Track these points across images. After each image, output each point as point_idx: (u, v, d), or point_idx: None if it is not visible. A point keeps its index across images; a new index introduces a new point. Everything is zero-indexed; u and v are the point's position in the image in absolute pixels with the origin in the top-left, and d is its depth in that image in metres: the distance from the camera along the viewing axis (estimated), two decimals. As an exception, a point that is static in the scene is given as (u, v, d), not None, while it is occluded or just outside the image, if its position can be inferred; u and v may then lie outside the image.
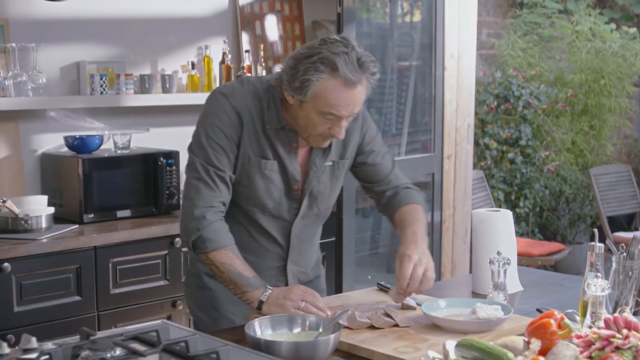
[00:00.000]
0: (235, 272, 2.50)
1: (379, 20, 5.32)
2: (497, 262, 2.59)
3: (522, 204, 6.90)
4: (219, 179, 2.55)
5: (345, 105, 2.42)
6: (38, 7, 4.20)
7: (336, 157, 2.69)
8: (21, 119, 4.22)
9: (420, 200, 2.82)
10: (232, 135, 2.55)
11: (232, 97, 2.56)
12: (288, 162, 2.60)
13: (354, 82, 2.40)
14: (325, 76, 2.39)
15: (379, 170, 2.81)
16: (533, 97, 6.90)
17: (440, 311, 2.47)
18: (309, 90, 2.41)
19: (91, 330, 1.97)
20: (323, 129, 2.49)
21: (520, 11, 7.46)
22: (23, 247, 3.60)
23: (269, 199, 2.62)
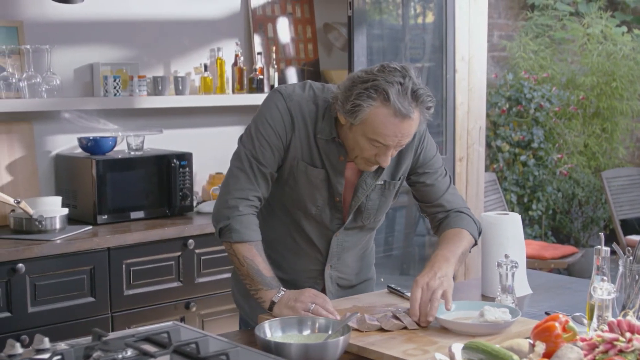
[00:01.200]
0: (254, 269, 2.52)
1: (391, 22, 5.34)
2: (504, 266, 2.60)
3: (535, 206, 6.91)
4: (260, 174, 2.57)
5: (392, 135, 2.42)
6: (52, 9, 4.24)
7: (388, 177, 2.69)
8: (35, 120, 4.26)
9: (468, 224, 2.77)
10: (282, 135, 2.57)
11: (289, 98, 2.58)
12: (332, 174, 2.60)
13: (404, 113, 2.38)
14: (377, 104, 2.39)
15: (431, 192, 2.78)
16: (545, 100, 6.91)
17: (449, 314, 2.48)
18: (358, 115, 2.42)
19: (103, 331, 1.99)
20: (369, 154, 2.49)
21: (532, 13, 7.47)
22: (37, 248, 3.63)
23: (312, 204, 2.63)
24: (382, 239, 5.45)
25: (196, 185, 4.61)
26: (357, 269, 2.87)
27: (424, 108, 2.44)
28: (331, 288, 2.78)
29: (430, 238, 5.59)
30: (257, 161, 2.57)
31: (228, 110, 4.81)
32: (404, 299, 2.75)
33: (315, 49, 5.34)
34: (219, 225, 2.58)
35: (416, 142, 2.70)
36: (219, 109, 4.80)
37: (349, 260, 2.80)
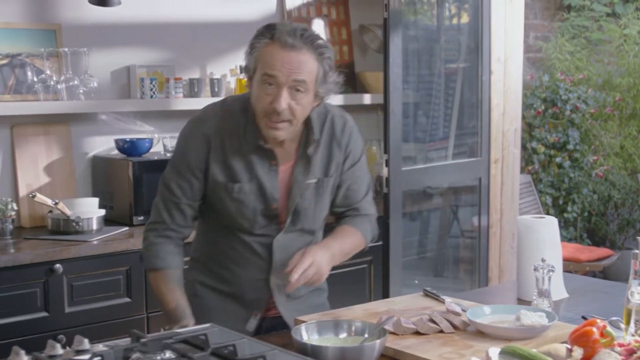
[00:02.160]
0: (160, 299, 2.59)
1: (426, 22, 5.33)
2: (541, 269, 2.59)
3: (570, 208, 6.86)
4: (172, 205, 2.61)
5: (281, 65, 2.41)
6: (89, 12, 4.27)
7: (320, 174, 2.66)
8: (73, 122, 4.30)
9: (365, 228, 2.77)
10: (198, 162, 2.57)
11: (202, 123, 2.59)
12: (267, 182, 2.59)
13: (290, 44, 2.41)
14: (266, 40, 2.45)
15: (350, 196, 2.76)
16: (581, 101, 6.86)
17: (485, 317, 2.48)
18: (252, 56, 2.48)
19: (141, 333, 2.01)
20: (265, 103, 2.45)
21: (568, 14, 7.42)
22: (74, 249, 3.67)
23: (243, 219, 2.62)
24: (416, 241, 5.45)
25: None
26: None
27: (317, 52, 2.45)
28: (280, 299, 2.71)
29: (464, 240, 5.57)
30: (172, 194, 2.60)
31: (263, 112, 4.82)
32: (439, 302, 2.75)
33: (351, 50, 5.35)
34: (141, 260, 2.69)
35: (346, 136, 2.69)
36: (254, 111, 4.81)
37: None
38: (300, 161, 2.63)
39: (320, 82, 2.49)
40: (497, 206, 5.15)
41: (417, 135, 5.14)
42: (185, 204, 2.61)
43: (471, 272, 5.26)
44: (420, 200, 5.24)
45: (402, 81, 4.31)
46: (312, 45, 2.44)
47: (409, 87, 4.88)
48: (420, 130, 5.18)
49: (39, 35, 4.17)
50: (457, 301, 2.68)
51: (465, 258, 5.48)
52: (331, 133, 2.67)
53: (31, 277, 3.57)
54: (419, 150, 5.14)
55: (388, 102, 4.23)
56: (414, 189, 4.84)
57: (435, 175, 4.94)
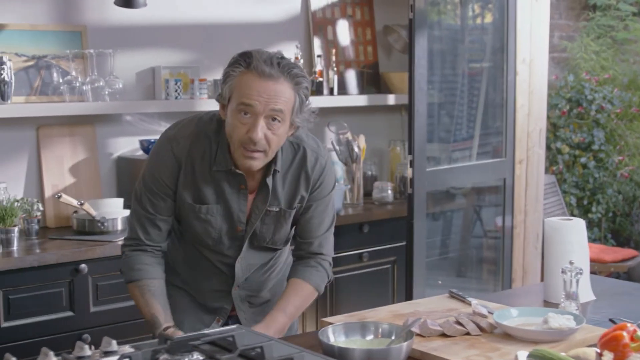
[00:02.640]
0: (139, 309, 2.63)
1: (449, 22, 5.31)
2: (569, 272, 2.58)
3: (595, 209, 6.82)
4: (146, 220, 2.62)
5: (257, 95, 2.38)
6: (115, 14, 4.29)
7: (285, 205, 2.65)
8: (98, 123, 4.31)
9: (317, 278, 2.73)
10: (169, 182, 2.58)
11: (175, 143, 2.57)
12: (235, 205, 2.60)
13: (267, 73, 2.38)
14: (242, 69, 2.41)
15: (309, 229, 2.72)
16: (606, 101, 6.81)
17: (512, 320, 2.47)
18: (227, 85, 2.44)
19: (169, 335, 2.02)
20: (241, 132, 2.42)
21: (594, 14, 7.38)
22: (99, 249, 3.69)
23: (208, 238, 2.65)
24: (439, 242, 5.43)
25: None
26: (268, 285, 2.83)
27: (293, 81, 2.43)
28: (242, 306, 2.75)
29: (487, 240, 5.55)
30: (145, 211, 2.62)
31: (287, 113, 4.82)
32: (465, 304, 2.74)
33: (375, 51, 5.34)
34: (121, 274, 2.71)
35: (317, 173, 2.66)
36: (278, 112, 4.81)
37: (257, 280, 2.78)
38: (262, 189, 2.62)
39: (296, 111, 2.48)
40: (521, 207, 5.13)
41: (441, 135, 5.13)
42: (160, 220, 2.63)
43: (494, 272, 5.24)
44: (443, 200, 5.23)
45: (426, 81, 4.30)
46: (289, 74, 2.42)
47: (433, 87, 4.87)
48: (444, 131, 5.16)
49: (65, 37, 4.19)
50: (483, 303, 2.67)
51: (488, 258, 5.47)
52: (300, 167, 2.64)
53: (57, 277, 3.59)
54: (443, 151, 5.13)
55: (413, 102, 4.22)
56: (437, 189, 4.83)
57: (460, 176, 4.92)
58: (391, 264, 4.74)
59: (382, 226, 4.68)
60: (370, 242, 4.64)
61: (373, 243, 4.65)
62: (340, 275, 4.50)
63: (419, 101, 4.24)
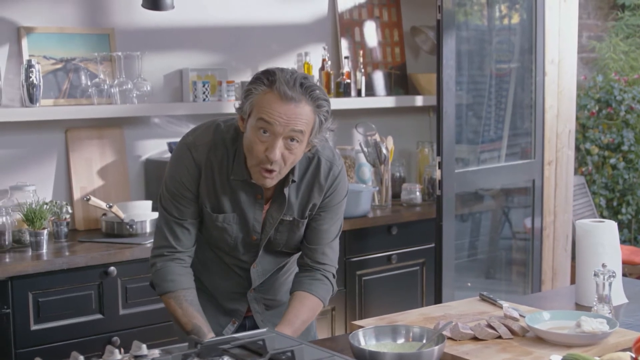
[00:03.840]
0: (176, 320, 2.60)
1: (476, 23, 5.29)
2: (602, 275, 2.55)
3: (625, 210, 6.76)
4: (177, 226, 2.62)
5: (278, 115, 2.39)
6: (142, 16, 4.30)
7: (297, 215, 2.66)
8: (126, 125, 4.32)
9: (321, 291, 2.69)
10: (191, 186, 2.59)
11: (194, 149, 2.58)
12: (250, 214, 2.61)
13: (289, 96, 2.38)
14: (264, 88, 2.41)
15: (316, 235, 2.71)
16: (636, 102, 6.75)
17: (544, 323, 2.45)
18: (248, 101, 2.44)
19: (199, 338, 2.01)
20: (259, 150, 2.43)
21: (622, 13, 7.31)
22: (128, 252, 3.69)
23: (224, 244, 2.66)
24: (467, 243, 5.41)
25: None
26: (284, 288, 2.83)
27: (315, 104, 2.43)
28: (257, 308, 2.77)
29: (516, 242, 5.52)
30: (172, 216, 2.61)
31: (315, 115, 4.81)
32: (496, 307, 2.72)
33: (402, 52, 5.32)
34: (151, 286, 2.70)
35: (329, 182, 2.65)
36: (306, 113, 4.80)
37: (273, 283, 2.79)
38: (277, 199, 2.62)
39: (315, 133, 2.49)
40: (550, 208, 5.10)
41: (469, 136, 5.11)
42: (188, 223, 2.63)
43: (524, 274, 5.21)
44: (471, 202, 5.21)
45: (454, 82, 4.28)
46: (311, 96, 2.43)
47: (461, 88, 4.85)
48: (472, 132, 5.14)
49: (93, 39, 4.20)
50: (514, 306, 2.65)
51: (517, 260, 5.44)
52: (314, 177, 2.65)
53: (86, 279, 3.60)
54: (471, 152, 5.10)
55: (441, 103, 4.20)
56: (466, 191, 4.81)
57: (489, 177, 4.90)
58: (420, 266, 4.72)
59: (410, 228, 4.66)
60: (398, 244, 4.62)
61: (402, 245, 4.64)
62: (369, 277, 4.49)
63: (447, 102, 4.22)
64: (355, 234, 4.43)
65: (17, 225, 3.78)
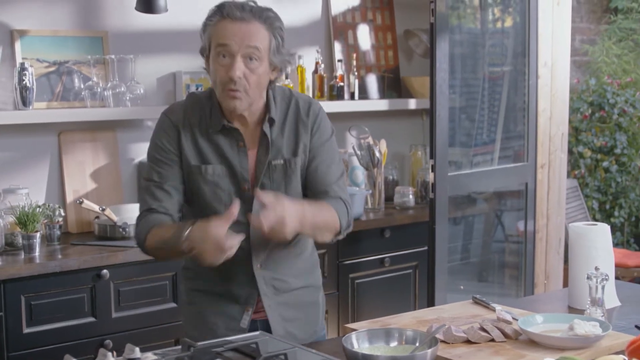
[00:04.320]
0: (162, 242, 2.53)
1: (469, 26, 5.30)
2: (594, 278, 2.56)
3: (617, 213, 6.78)
4: (155, 188, 2.61)
5: (232, 35, 2.50)
6: (135, 19, 4.30)
7: (288, 155, 2.65)
8: (119, 128, 4.32)
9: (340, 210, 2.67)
10: (171, 146, 2.61)
11: (170, 112, 2.67)
12: (236, 163, 2.61)
13: (238, 17, 2.51)
14: (216, 18, 2.54)
15: (320, 178, 2.70)
16: (628, 105, 6.78)
17: (537, 326, 2.45)
18: (205, 35, 2.57)
19: (192, 341, 2.01)
20: (222, 74, 2.52)
21: (615, 17, 7.34)
22: (121, 255, 3.69)
23: (219, 204, 2.61)
24: (460, 246, 5.42)
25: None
26: (294, 269, 2.74)
27: (266, 22, 2.56)
28: (266, 291, 2.67)
29: (509, 245, 5.53)
30: (152, 182, 2.61)
31: (308, 118, 4.81)
32: (489, 310, 2.72)
33: (396, 55, 5.33)
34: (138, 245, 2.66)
35: (311, 119, 2.69)
36: (299, 116, 4.80)
37: (280, 258, 2.69)
38: (262, 142, 2.64)
39: (273, 51, 2.58)
40: (543, 211, 5.10)
41: (462, 140, 5.11)
42: (168, 185, 2.61)
43: (516, 277, 5.22)
44: (464, 205, 5.21)
45: (447, 85, 4.28)
46: (261, 16, 2.56)
47: (455, 91, 4.86)
48: (465, 135, 5.15)
49: (86, 42, 4.20)
50: (507, 309, 2.66)
51: (510, 263, 5.45)
52: (296, 115, 2.68)
53: (78, 282, 3.59)
54: (464, 155, 5.11)
55: (434, 107, 4.20)
56: (459, 194, 4.81)
57: (481, 180, 4.90)
58: (413, 269, 4.73)
59: (403, 231, 4.67)
60: (391, 247, 4.63)
61: (394, 248, 4.64)
62: (362, 280, 4.50)
63: (441, 105, 4.23)
64: (348, 236, 4.35)
65: (9, 228, 3.77)
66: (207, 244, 2.37)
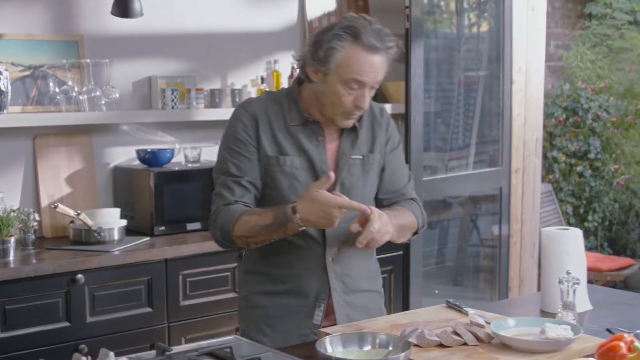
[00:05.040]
0: (259, 227, 2.51)
1: (445, 31, 5.32)
2: (566, 282, 2.58)
3: (591, 217, 6.83)
4: (232, 182, 2.60)
5: (368, 70, 2.48)
6: (111, 23, 4.29)
7: (366, 151, 2.71)
8: (94, 132, 4.31)
9: (416, 212, 2.78)
10: (249, 139, 2.60)
11: (248, 105, 2.66)
12: (316, 156, 2.63)
13: (376, 47, 2.47)
14: (348, 44, 2.47)
15: (394, 181, 2.78)
16: (602, 110, 6.83)
17: (509, 330, 2.46)
18: (332, 58, 2.49)
19: (166, 346, 2.01)
20: (347, 101, 2.52)
21: (589, 22, 7.39)
22: (96, 259, 3.68)
23: (295, 196, 2.58)
24: (436, 251, 5.44)
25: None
26: (363, 268, 2.78)
27: (390, 49, 2.53)
28: (336, 286, 2.68)
29: (484, 249, 5.56)
30: (230, 175, 2.60)
31: (284, 122, 4.82)
32: (462, 314, 2.74)
33: (371, 60, 5.34)
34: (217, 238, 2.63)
35: (385, 120, 2.77)
36: (275, 121, 4.81)
37: (351, 255, 2.71)
38: (347, 136, 2.68)
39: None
40: (517, 215, 5.14)
41: (437, 144, 5.14)
42: (246, 181, 2.60)
43: (491, 281, 5.25)
44: (439, 209, 5.24)
45: (423, 90, 4.31)
46: (388, 45, 2.53)
47: (430, 96, 4.88)
48: (440, 140, 5.17)
49: (61, 46, 4.19)
50: (480, 313, 2.67)
51: (485, 267, 5.47)
52: (372, 115, 2.74)
53: (53, 287, 3.58)
54: (439, 160, 5.13)
55: (409, 111, 4.23)
56: (434, 198, 4.83)
57: (456, 185, 4.93)
58: (388, 273, 4.72)
59: (378, 235, 4.67)
60: (367, 252, 4.63)
61: (370, 252, 4.64)
62: (337, 284, 4.50)
63: (416, 110, 4.25)
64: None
65: (-17, 233, 3.75)
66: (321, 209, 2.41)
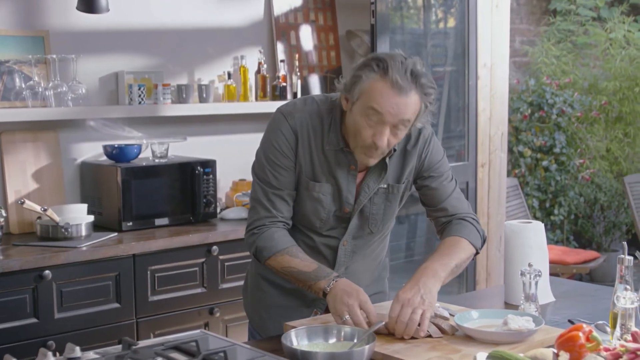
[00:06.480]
0: (296, 271, 2.56)
1: (412, 27, 5.35)
2: (528, 274, 2.62)
3: (557, 211, 6.90)
4: (276, 198, 2.62)
5: (389, 106, 2.42)
6: (77, 19, 4.28)
7: (392, 181, 2.69)
8: (61, 128, 4.30)
9: (470, 233, 2.73)
10: (289, 154, 2.60)
11: (290, 116, 2.61)
12: (344, 185, 2.63)
13: (401, 86, 2.40)
14: (375, 76, 2.43)
15: (435, 195, 2.76)
16: (567, 105, 6.90)
17: (472, 322, 2.50)
18: (357, 86, 2.45)
19: (133, 340, 2.03)
20: (367, 135, 2.47)
21: (554, 19, 7.46)
22: (63, 255, 3.67)
23: (316, 219, 2.66)
24: (404, 245, 5.47)
25: (220, 192, 4.65)
26: (368, 280, 2.84)
27: (422, 92, 2.46)
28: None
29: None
30: (271, 187, 2.62)
31: (251, 118, 4.84)
32: (427, 307, 2.76)
33: (338, 56, 5.36)
34: (251, 251, 2.67)
35: (421, 145, 2.70)
36: (242, 117, 4.83)
37: (358, 270, 2.78)
38: (376, 168, 2.65)
39: (420, 117, 2.52)
40: (484, 210, 5.18)
41: (404, 139, 5.16)
42: (286, 194, 2.63)
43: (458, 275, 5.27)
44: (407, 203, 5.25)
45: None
46: (420, 85, 2.45)
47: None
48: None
49: (27, 42, 4.17)
50: (445, 305, 2.70)
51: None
52: (405, 141, 2.68)
53: (20, 283, 3.57)
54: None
55: (375, 107, 4.24)
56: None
57: (423, 180, 4.95)
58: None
59: (346, 230, 4.69)
60: (334, 246, 4.65)
61: (337, 247, 4.66)
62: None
63: (382, 106, 4.27)
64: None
65: (-51, 229, 3.74)
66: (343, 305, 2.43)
